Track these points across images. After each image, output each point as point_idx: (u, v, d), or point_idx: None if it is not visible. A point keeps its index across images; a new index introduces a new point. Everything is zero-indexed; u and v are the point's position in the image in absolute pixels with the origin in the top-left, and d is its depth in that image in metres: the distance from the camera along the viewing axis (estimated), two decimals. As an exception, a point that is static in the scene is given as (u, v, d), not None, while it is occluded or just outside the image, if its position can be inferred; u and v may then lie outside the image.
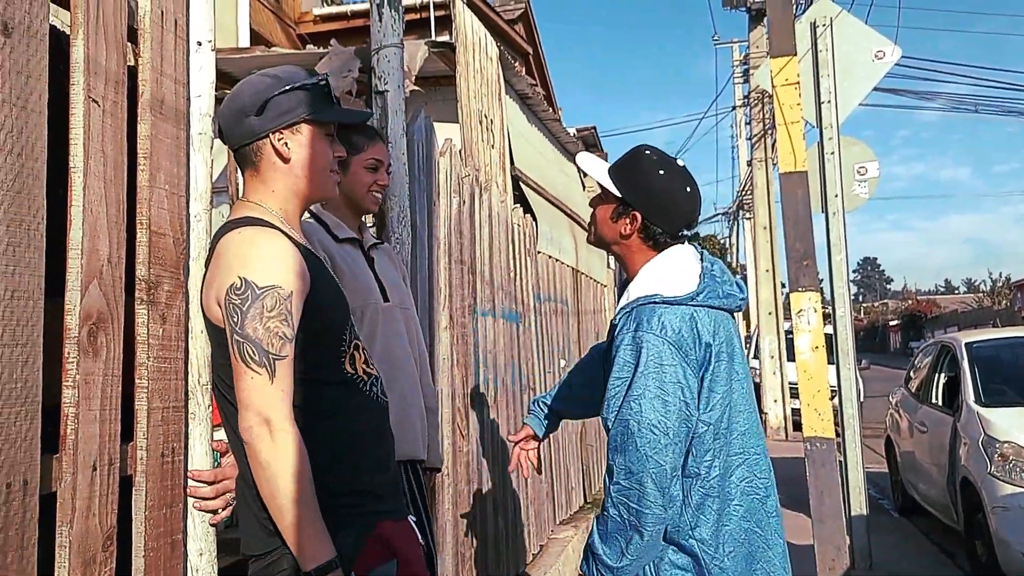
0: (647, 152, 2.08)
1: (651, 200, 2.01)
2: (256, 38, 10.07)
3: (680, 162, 2.09)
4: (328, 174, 1.79)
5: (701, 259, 2.04)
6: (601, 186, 2.09)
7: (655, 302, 1.93)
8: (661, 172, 2.03)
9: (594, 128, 12.35)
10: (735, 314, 2.08)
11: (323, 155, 1.77)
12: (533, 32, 14.26)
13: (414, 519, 1.89)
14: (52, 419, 1.40)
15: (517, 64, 12.58)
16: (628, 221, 2.02)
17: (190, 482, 1.71)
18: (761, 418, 1.81)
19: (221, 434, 1.78)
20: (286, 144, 1.72)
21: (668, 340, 1.87)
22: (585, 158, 2.16)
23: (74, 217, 1.42)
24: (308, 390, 1.65)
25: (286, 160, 1.73)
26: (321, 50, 5.80)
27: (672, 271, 1.99)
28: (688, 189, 2.05)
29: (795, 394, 4.99)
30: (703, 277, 1.98)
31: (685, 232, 2.07)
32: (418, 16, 10.41)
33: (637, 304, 1.96)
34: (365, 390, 1.75)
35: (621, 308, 2.01)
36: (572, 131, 9.95)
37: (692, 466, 1.90)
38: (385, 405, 1.82)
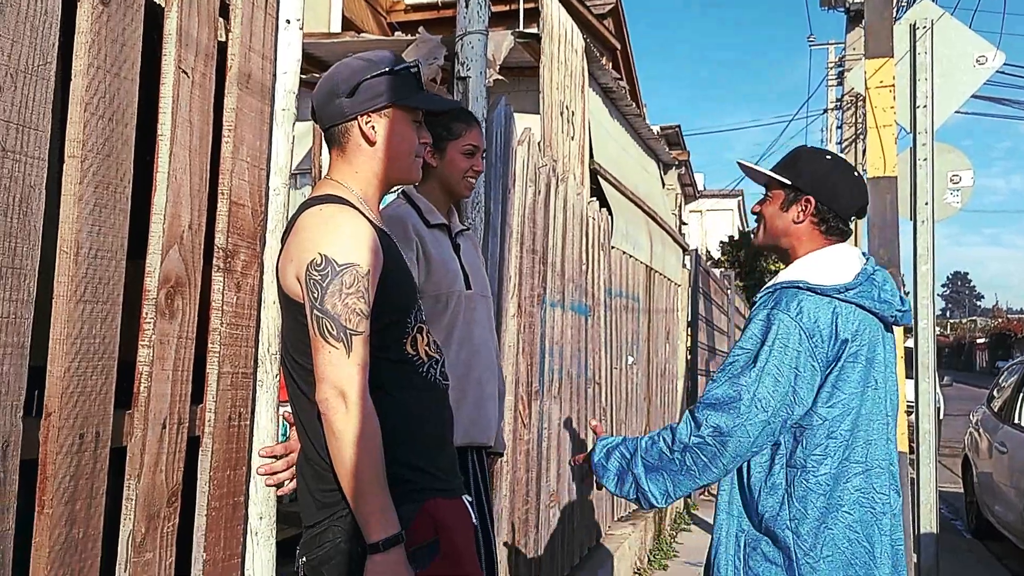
0: (805, 147, 2.15)
1: (822, 182, 2.02)
2: (348, 25, 10.24)
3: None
4: (412, 159, 1.82)
5: (866, 262, 2.02)
6: (768, 182, 2.10)
7: (799, 287, 1.93)
8: (827, 158, 2.08)
9: (678, 127, 12.19)
10: (893, 329, 2.06)
11: (408, 140, 1.80)
12: (622, 28, 14.13)
13: (470, 499, 1.90)
14: (127, 376, 1.46)
15: (604, 59, 12.53)
16: (801, 207, 2.02)
17: (261, 458, 1.79)
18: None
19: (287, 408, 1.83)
20: (373, 127, 1.75)
21: (801, 324, 1.87)
22: (745, 163, 2.19)
23: (159, 183, 1.48)
24: (371, 366, 1.68)
25: (372, 143, 1.76)
26: (409, 37, 5.87)
27: (829, 262, 1.98)
28: (855, 174, 2.08)
29: (909, 412, 4.80)
30: (860, 276, 1.96)
31: (855, 219, 2.08)
32: (507, 8, 10.45)
33: (781, 286, 1.97)
34: (423, 371, 1.78)
35: (765, 288, 2.04)
36: (656, 129, 9.85)
37: (799, 457, 1.89)
38: (444, 388, 1.84)
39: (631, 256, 5.88)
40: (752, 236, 2.21)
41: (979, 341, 55.43)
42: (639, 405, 6.13)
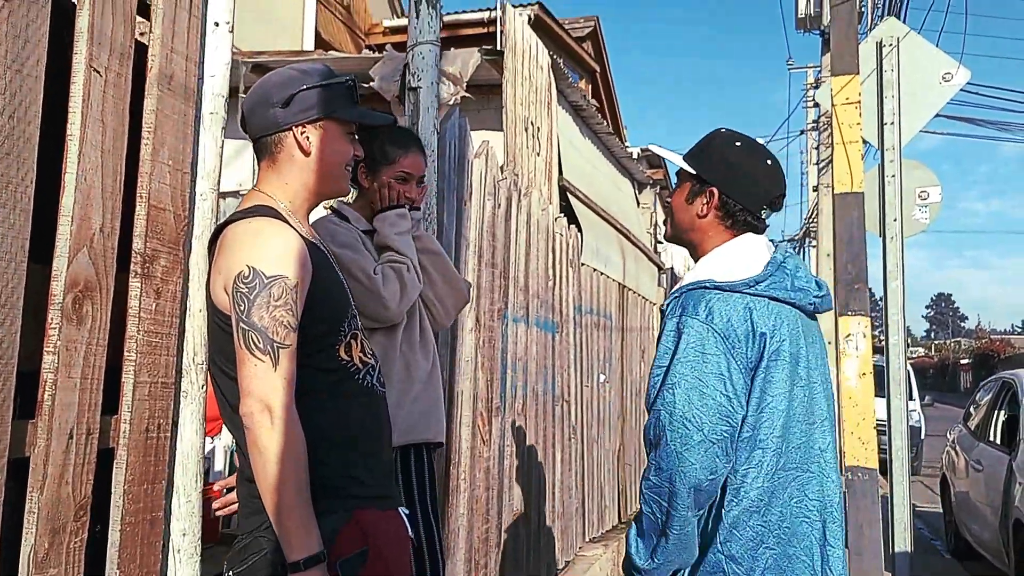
0: (722, 130, 1.95)
1: (727, 172, 1.85)
2: (324, 45, 10.26)
3: (760, 141, 1.96)
4: (344, 171, 1.84)
5: (774, 250, 1.86)
6: (678, 171, 1.94)
7: (705, 287, 1.76)
8: (738, 144, 1.89)
9: (661, 147, 12.24)
10: (815, 316, 1.89)
11: (342, 152, 1.80)
12: (601, 50, 14.25)
13: (406, 512, 1.86)
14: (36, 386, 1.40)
15: (583, 81, 12.58)
16: (705, 199, 1.86)
17: (216, 500, 1.83)
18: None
19: None
20: (308, 138, 1.76)
21: (714, 328, 1.69)
22: (655, 147, 2.10)
23: (67, 184, 1.43)
24: (302, 375, 1.64)
25: (307, 153, 1.76)
26: (376, 55, 5.85)
27: (735, 257, 1.81)
28: (768, 162, 1.89)
29: (881, 431, 4.75)
30: (769, 266, 1.79)
31: (767, 210, 1.89)
32: (484, 30, 10.50)
33: (686, 289, 1.80)
34: (358, 378, 1.75)
35: (671, 294, 1.85)
36: (636, 150, 9.88)
37: (729, 475, 1.71)
38: (381, 394, 1.82)
39: (602, 273, 5.85)
40: (664, 229, 2.09)
41: (963, 362, 55.67)
42: (612, 424, 6.08)
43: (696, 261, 1.92)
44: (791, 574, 1.71)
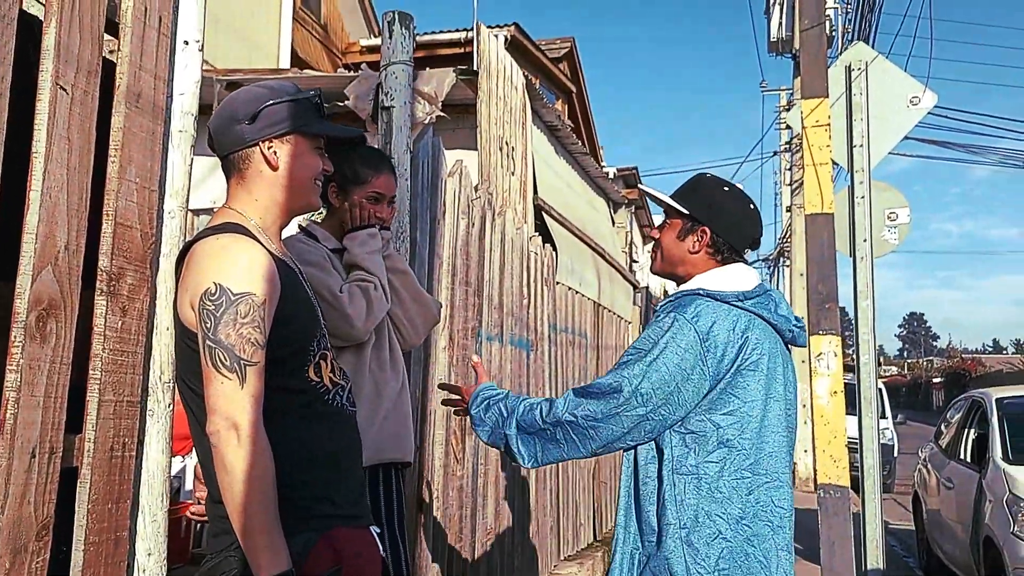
0: (707, 175, 2.15)
1: (718, 214, 2.03)
2: (301, 65, 10.28)
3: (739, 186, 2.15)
4: (313, 186, 1.83)
5: (760, 281, 2.04)
6: (667, 209, 2.11)
7: (698, 294, 1.94)
8: (725, 189, 2.09)
9: (635, 169, 12.37)
10: (790, 347, 2.06)
11: (310, 167, 1.80)
12: (578, 71, 14.37)
13: (377, 531, 1.85)
14: None
15: (560, 102, 12.67)
16: (696, 237, 2.03)
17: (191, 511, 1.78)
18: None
19: None
20: (275, 153, 1.75)
21: (696, 327, 1.86)
22: (646, 188, 2.24)
23: (32, 202, 1.43)
24: (271, 395, 1.64)
25: (274, 168, 1.75)
26: (351, 74, 5.87)
27: (727, 275, 2.00)
28: (752, 206, 2.10)
29: (853, 449, 4.79)
30: (758, 288, 1.97)
31: (748, 250, 2.09)
32: (461, 51, 10.57)
33: (681, 294, 1.99)
34: (327, 398, 1.74)
35: (667, 298, 2.04)
36: (613, 171, 9.95)
37: (690, 464, 1.84)
38: (350, 414, 1.81)
39: (577, 292, 5.87)
40: (651, 262, 2.23)
41: (935, 381, 56.27)
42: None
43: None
44: (745, 570, 1.81)
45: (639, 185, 2.14)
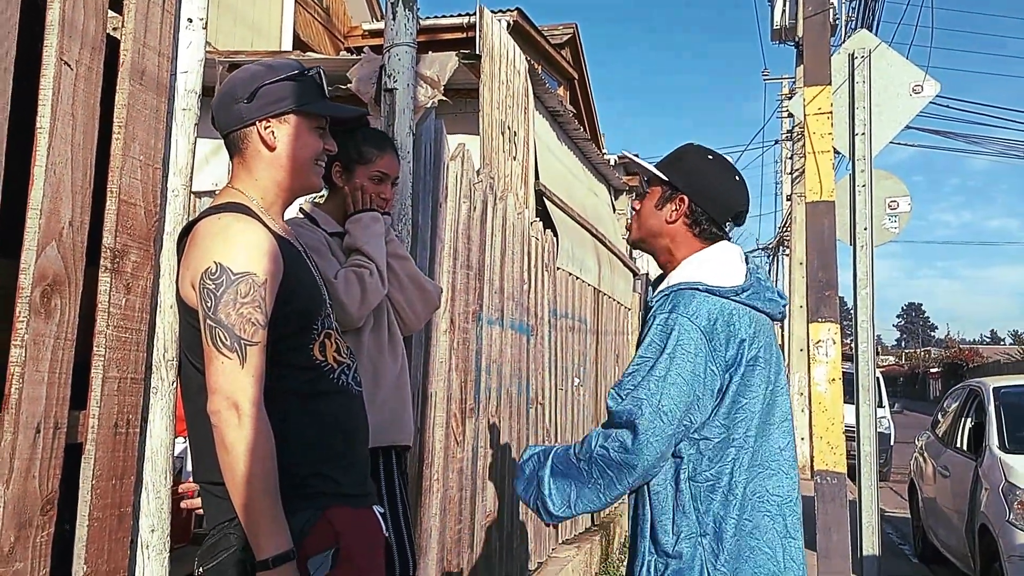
0: (694, 144, 2.08)
1: (698, 182, 1.96)
2: (303, 48, 10.24)
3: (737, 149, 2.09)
4: (313, 166, 1.81)
5: (746, 261, 1.98)
6: (647, 176, 2.04)
7: (696, 289, 1.87)
8: (709, 157, 2.01)
9: (636, 155, 12.34)
10: (774, 324, 2.03)
11: (309, 147, 1.77)
12: (580, 57, 14.32)
13: (380, 510, 1.86)
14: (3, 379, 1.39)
15: (562, 88, 12.63)
16: (674, 206, 1.96)
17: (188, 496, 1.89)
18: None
19: None
20: (272, 133, 1.74)
21: (700, 327, 1.81)
22: (629, 156, 2.18)
23: (36, 177, 1.42)
24: (273, 374, 1.64)
25: (272, 149, 1.74)
26: (354, 56, 5.85)
27: (718, 262, 1.93)
28: (736, 178, 2.01)
29: (850, 437, 4.79)
30: (749, 276, 1.92)
31: (731, 224, 2.01)
32: (463, 35, 10.52)
33: (677, 288, 1.90)
34: (332, 377, 1.74)
35: (659, 291, 1.96)
36: (613, 157, 9.93)
37: (704, 470, 1.81)
38: (356, 394, 1.81)
39: (578, 278, 5.88)
40: (627, 231, 2.17)
41: (932, 370, 56.39)
42: (586, 427, 6.10)
43: (660, 265, 2.03)
44: (752, 564, 1.80)
45: (623, 151, 2.15)
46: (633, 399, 1.80)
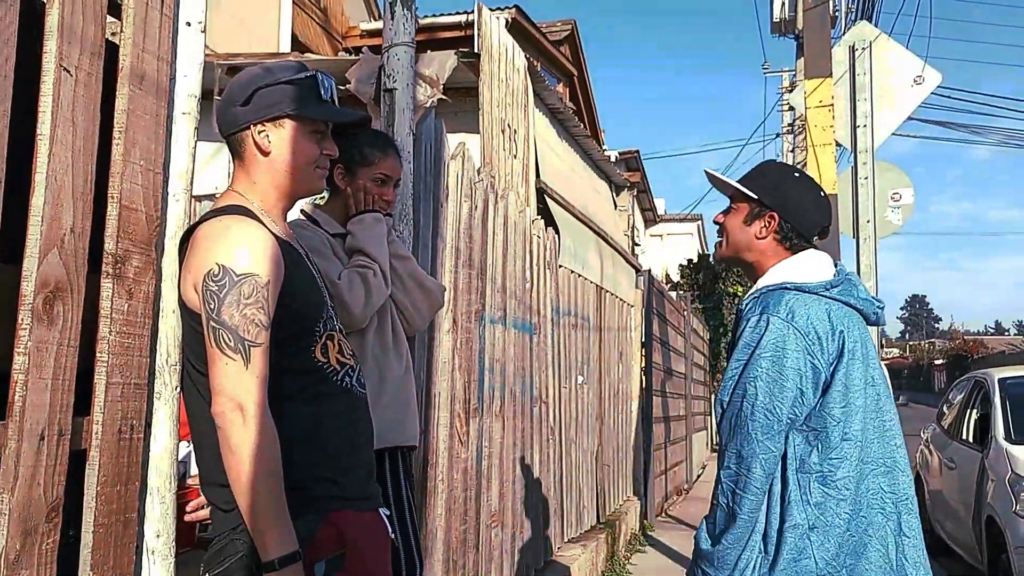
0: (777, 162, 2.15)
1: (787, 199, 2.00)
2: (301, 49, 10.23)
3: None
4: (311, 170, 1.79)
5: (835, 265, 2.02)
6: (733, 194, 2.07)
7: (785, 288, 1.91)
8: (796, 175, 2.07)
9: (637, 152, 12.34)
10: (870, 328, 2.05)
11: (305, 152, 1.76)
12: (579, 54, 14.29)
13: (387, 513, 1.85)
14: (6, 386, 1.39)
15: (561, 84, 12.62)
16: (764, 223, 2.01)
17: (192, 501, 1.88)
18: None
19: None
20: (267, 137, 1.73)
21: (795, 326, 1.84)
22: (711, 172, 2.17)
23: (37, 184, 1.42)
24: (276, 376, 1.64)
25: (266, 153, 1.73)
26: (352, 57, 5.85)
27: (806, 264, 1.97)
28: (821, 195, 2.06)
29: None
30: (839, 274, 1.96)
31: (817, 238, 2.06)
32: (462, 34, 10.51)
33: (765, 290, 1.95)
34: (335, 379, 1.74)
35: (750, 295, 2.01)
36: (614, 154, 9.92)
37: (814, 462, 1.83)
38: (360, 395, 1.81)
39: (580, 275, 5.87)
40: (715, 247, 2.16)
41: (937, 362, 56.35)
42: (591, 425, 6.09)
43: (751, 279, 2.07)
44: (865, 561, 1.80)
45: (705, 170, 2.06)
46: (732, 405, 1.85)
